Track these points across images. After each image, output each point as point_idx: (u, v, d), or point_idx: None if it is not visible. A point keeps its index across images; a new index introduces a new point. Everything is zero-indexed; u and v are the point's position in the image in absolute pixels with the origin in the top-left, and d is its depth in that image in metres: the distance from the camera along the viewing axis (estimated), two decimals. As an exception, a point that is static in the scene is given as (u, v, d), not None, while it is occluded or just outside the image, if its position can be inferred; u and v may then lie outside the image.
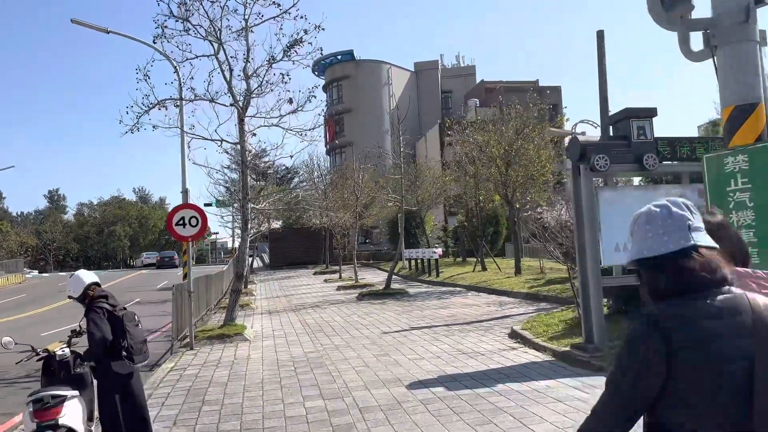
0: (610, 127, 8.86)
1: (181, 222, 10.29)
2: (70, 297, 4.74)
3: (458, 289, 19.36)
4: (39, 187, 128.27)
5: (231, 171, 35.34)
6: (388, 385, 6.81)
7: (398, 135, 17.79)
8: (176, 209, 10.38)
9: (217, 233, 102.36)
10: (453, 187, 30.59)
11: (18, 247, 74.54)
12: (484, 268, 23.04)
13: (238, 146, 11.62)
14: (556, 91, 49.01)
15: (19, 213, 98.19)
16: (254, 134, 11.10)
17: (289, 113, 11.55)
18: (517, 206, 20.10)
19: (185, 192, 14.14)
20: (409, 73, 60.47)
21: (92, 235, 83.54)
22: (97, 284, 4.75)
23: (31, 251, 77.03)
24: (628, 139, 7.88)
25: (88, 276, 4.74)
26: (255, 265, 44.90)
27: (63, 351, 4.51)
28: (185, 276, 14.66)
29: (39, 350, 4.52)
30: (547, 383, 6.55)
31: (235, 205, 29.91)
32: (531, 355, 8.15)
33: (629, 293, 8.82)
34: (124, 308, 4.72)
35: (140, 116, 10.93)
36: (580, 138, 10.43)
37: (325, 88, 60.16)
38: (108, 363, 4.47)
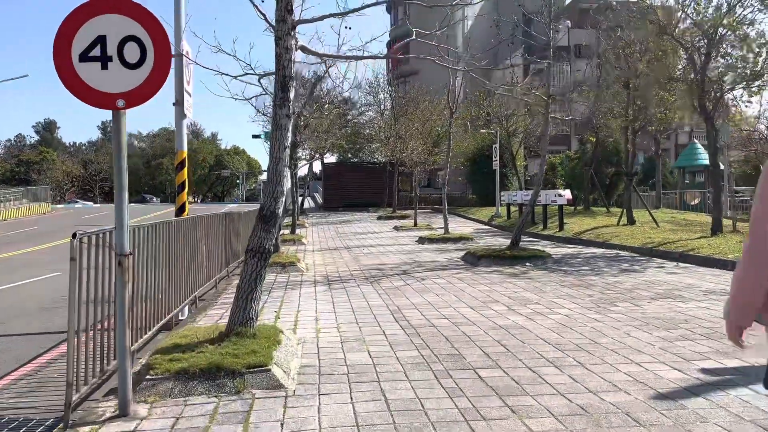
0: None
1: (97, 53, 3.53)
2: None
3: (619, 252, 12.23)
4: (94, 117, 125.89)
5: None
6: None
7: (550, 5, 10.54)
8: (80, 12, 3.56)
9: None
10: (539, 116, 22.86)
11: (64, 177, 71.60)
12: (631, 221, 15.81)
13: None
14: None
15: (71, 143, 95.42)
16: None
17: None
18: (725, 123, 12.46)
19: (179, 56, 7.34)
20: (487, -10, 51.51)
21: (140, 167, 79.64)
22: None
23: (77, 181, 74.07)
24: None
25: None
26: (306, 205, 38.84)
27: None
28: (180, 209, 8.11)
29: None
30: None
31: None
32: None
33: None
34: None
35: None
36: None
37: (389, 9, 52.64)
38: None
